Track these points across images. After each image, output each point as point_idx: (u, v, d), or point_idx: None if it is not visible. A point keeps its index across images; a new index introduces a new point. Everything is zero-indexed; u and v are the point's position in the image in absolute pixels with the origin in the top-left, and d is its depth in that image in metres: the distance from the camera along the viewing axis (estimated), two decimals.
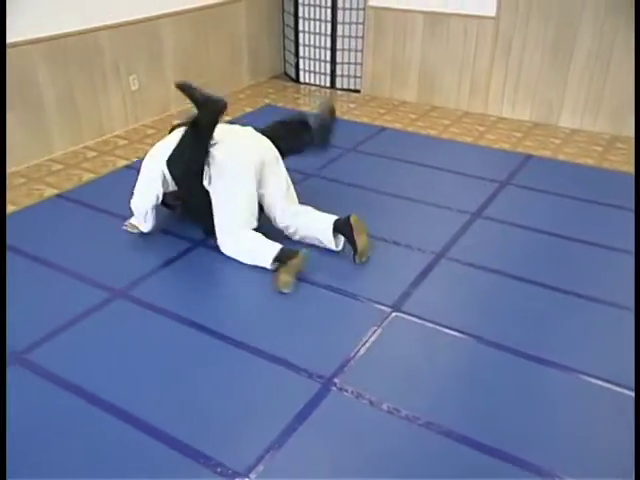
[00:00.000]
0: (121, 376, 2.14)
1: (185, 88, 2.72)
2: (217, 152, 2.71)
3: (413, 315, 2.46)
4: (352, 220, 2.73)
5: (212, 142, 2.70)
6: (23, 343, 2.27)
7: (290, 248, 2.67)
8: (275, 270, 2.64)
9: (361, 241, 2.72)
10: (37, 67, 3.71)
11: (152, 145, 3.08)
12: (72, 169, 3.80)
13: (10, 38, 3.49)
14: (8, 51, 3.50)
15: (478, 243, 2.99)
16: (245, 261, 2.73)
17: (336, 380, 2.11)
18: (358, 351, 2.25)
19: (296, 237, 2.91)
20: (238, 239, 2.74)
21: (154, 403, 2.02)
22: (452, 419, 1.97)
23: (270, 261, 2.64)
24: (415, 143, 4.28)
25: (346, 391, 2.07)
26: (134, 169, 3.61)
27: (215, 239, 2.80)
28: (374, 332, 2.35)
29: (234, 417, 1.98)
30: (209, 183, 2.72)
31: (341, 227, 2.77)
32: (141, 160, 3.45)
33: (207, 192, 2.74)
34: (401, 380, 2.15)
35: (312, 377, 2.12)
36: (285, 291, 2.56)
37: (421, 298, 2.57)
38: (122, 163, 3.87)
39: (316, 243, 2.87)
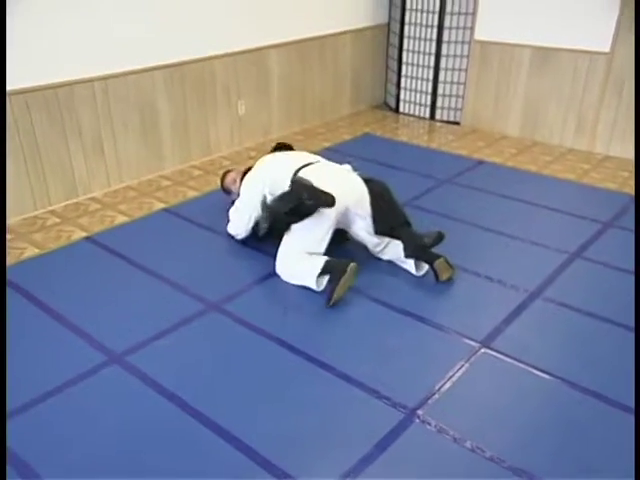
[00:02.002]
0: (207, 384, 2.21)
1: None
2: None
3: (503, 353, 2.37)
4: (436, 265, 2.79)
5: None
6: (124, 345, 2.41)
7: (337, 260, 2.69)
8: (326, 287, 2.68)
9: (444, 276, 2.82)
10: (157, 91, 3.98)
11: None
12: (179, 186, 4.02)
13: (135, 65, 3.79)
14: (132, 77, 3.79)
15: (576, 285, 2.85)
16: (296, 282, 2.79)
17: (419, 412, 2.07)
18: (444, 385, 2.20)
19: (385, 257, 3.00)
20: (289, 262, 2.81)
21: (237, 414, 2.07)
22: (540, 466, 1.87)
23: (314, 279, 2.69)
24: (514, 178, 4.16)
25: (429, 424, 2.02)
26: None
27: None
28: (461, 367, 2.29)
29: (315, 437, 1.99)
30: None
31: (427, 262, 2.83)
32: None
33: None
34: (487, 419, 2.07)
35: (395, 406, 2.09)
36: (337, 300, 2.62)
37: (512, 336, 2.48)
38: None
39: (399, 265, 2.94)
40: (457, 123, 5.35)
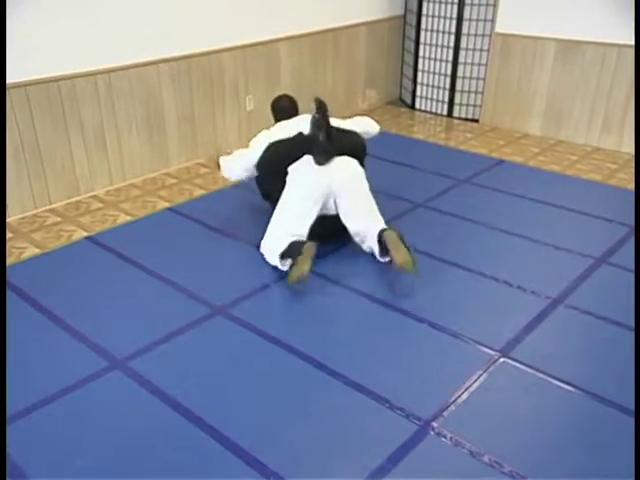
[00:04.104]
0: (212, 392, 2.22)
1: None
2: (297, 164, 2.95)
3: (523, 363, 2.36)
4: (385, 236, 2.80)
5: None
6: (125, 350, 2.42)
7: (301, 242, 2.77)
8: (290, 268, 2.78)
9: (398, 257, 2.71)
10: (162, 85, 4.00)
11: None
12: (185, 184, 4.03)
13: (139, 58, 3.81)
14: (137, 70, 3.82)
15: (601, 291, 2.83)
16: (268, 259, 2.95)
17: (434, 424, 2.06)
18: (460, 395, 2.19)
19: (365, 246, 3.03)
20: (267, 237, 2.98)
21: (242, 422, 2.07)
22: None
23: (278, 259, 2.83)
24: (536, 178, 4.14)
25: (444, 437, 2.01)
26: (242, 188, 3.78)
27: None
28: (479, 377, 2.28)
29: (324, 449, 1.98)
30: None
31: (380, 240, 2.84)
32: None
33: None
34: (505, 432, 2.06)
35: (409, 418, 2.09)
36: (296, 283, 2.70)
37: (533, 345, 2.46)
38: (231, 181, 4.04)
39: (374, 252, 2.97)
40: (476, 120, 5.33)
